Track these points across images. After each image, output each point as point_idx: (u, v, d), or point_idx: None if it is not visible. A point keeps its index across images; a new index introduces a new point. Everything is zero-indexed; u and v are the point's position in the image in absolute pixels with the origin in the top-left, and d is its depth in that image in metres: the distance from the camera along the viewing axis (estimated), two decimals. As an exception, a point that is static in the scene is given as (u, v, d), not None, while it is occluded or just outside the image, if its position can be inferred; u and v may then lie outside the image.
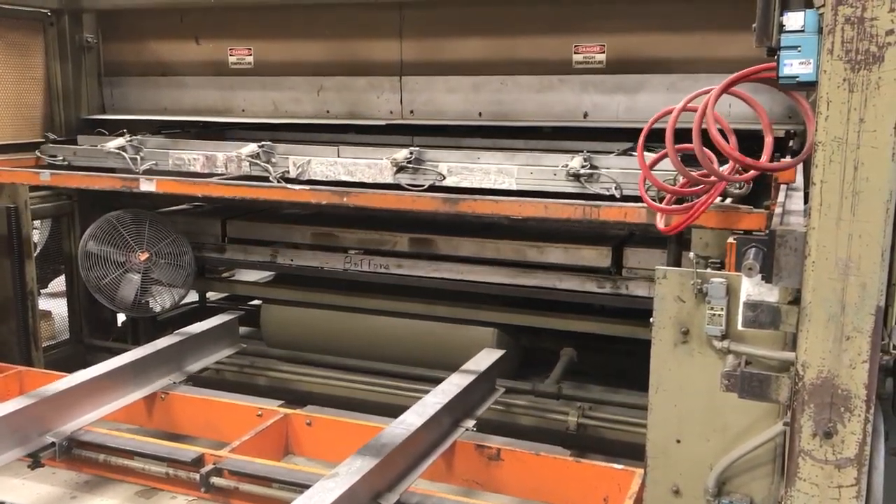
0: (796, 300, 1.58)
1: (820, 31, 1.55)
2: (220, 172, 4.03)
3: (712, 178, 2.53)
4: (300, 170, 3.82)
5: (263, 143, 3.91)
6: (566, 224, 3.58)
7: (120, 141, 4.24)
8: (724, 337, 2.24)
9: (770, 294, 1.64)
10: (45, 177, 4.17)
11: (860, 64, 1.44)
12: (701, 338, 2.35)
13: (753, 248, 1.60)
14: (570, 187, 3.40)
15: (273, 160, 3.87)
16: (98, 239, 4.76)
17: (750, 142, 2.70)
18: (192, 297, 5.45)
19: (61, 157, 4.46)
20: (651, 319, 2.46)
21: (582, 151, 3.48)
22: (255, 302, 5.43)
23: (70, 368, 4.14)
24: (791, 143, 3.40)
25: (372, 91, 4.60)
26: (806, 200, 1.94)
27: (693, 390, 2.44)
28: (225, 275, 5.80)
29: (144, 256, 4.74)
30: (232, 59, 4.88)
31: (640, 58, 4.08)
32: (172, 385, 3.92)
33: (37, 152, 4.52)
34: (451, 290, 4.39)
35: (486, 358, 3.86)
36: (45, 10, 4.92)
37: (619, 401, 4.07)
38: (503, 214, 3.36)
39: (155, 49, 5.12)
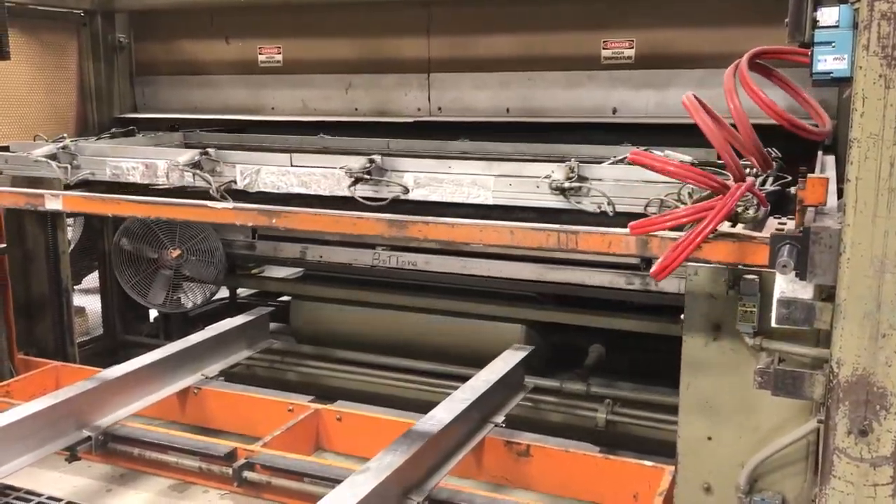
0: (830, 297, 1.57)
1: (855, 26, 1.54)
2: (160, 183, 3.68)
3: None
4: (248, 180, 3.44)
5: (206, 149, 3.54)
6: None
7: (50, 147, 3.85)
8: (756, 334, 2.23)
9: (804, 291, 1.63)
10: None
11: (896, 59, 1.43)
12: (733, 335, 2.34)
13: (787, 246, 1.60)
14: (556, 202, 2.92)
15: (217, 169, 3.48)
16: (131, 236, 4.83)
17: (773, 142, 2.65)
18: (223, 293, 5.51)
19: None
20: (682, 316, 2.45)
21: (569, 159, 2.99)
22: (285, 298, 5.48)
23: (104, 363, 4.21)
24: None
25: (400, 88, 4.62)
26: (839, 196, 1.93)
27: (724, 387, 2.44)
28: (255, 271, 5.86)
29: (176, 253, 4.80)
30: (261, 57, 4.92)
31: (670, 53, 4.06)
32: (204, 381, 3.97)
33: None
34: (479, 287, 4.41)
35: (514, 355, 3.87)
36: (79, 11, 4.99)
37: (648, 398, 4.06)
38: (461, 241, 2.93)
39: (185, 48, 5.19)
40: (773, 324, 1.71)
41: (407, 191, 3.12)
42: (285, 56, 4.87)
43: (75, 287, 5.12)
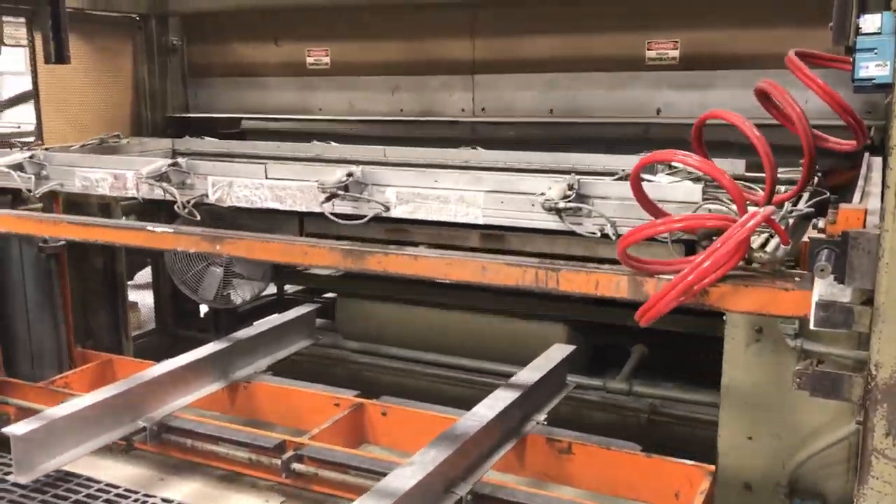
0: (869, 301, 1.60)
1: (896, 33, 1.57)
2: (130, 195, 3.52)
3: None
4: (219, 193, 3.20)
5: (175, 160, 3.37)
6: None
7: (16, 157, 3.70)
8: (797, 335, 2.25)
9: (842, 295, 1.66)
10: None
11: (936, 67, 1.46)
12: (774, 336, 2.36)
13: (826, 250, 1.63)
14: (553, 223, 2.61)
15: (188, 181, 3.27)
16: (184, 233, 4.98)
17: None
18: (271, 289, 5.65)
19: None
20: (724, 317, 2.48)
21: (570, 174, 2.72)
22: (331, 295, 5.59)
23: (157, 357, 4.35)
24: (871, 140, 3.34)
25: (445, 90, 4.70)
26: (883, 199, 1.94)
27: (765, 388, 2.46)
28: (301, 268, 5.98)
29: (227, 250, 4.93)
30: (309, 60, 5.05)
31: (714, 54, 4.07)
32: (254, 374, 4.09)
33: None
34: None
35: (556, 353, 3.90)
36: (134, 16, 5.18)
37: (690, 398, 4.07)
38: (425, 276, 2.60)
39: (236, 50, 5.34)
40: (812, 327, 1.74)
41: (387, 208, 2.87)
42: (333, 58, 4.99)
43: (129, 282, 5.30)
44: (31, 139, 4.60)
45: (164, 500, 3.29)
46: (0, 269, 4.18)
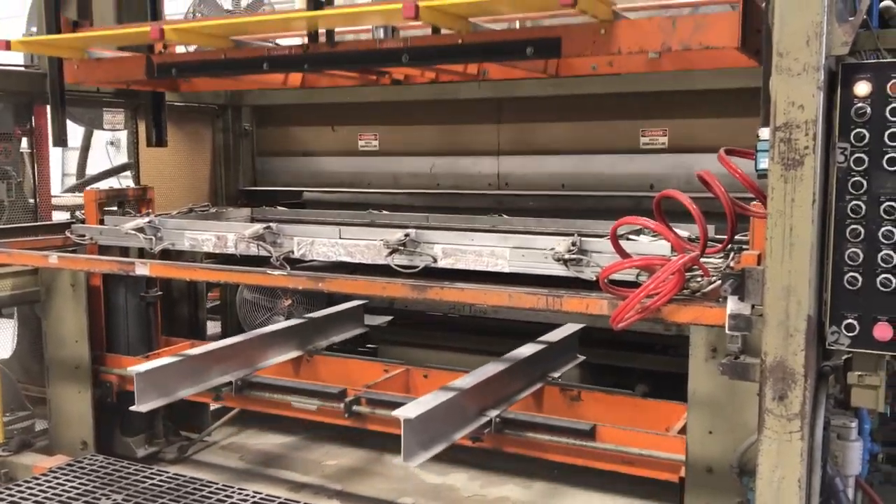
0: (760, 313, 2.45)
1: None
2: (230, 251, 4.12)
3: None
4: (303, 250, 3.87)
5: (269, 224, 3.99)
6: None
7: (139, 221, 4.38)
8: (742, 353, 3.05)
9: (745, 309, 2.52)
10: (53, 259, 4.25)
11: (789, 165, 2.35)
12: (725, 352, 3.15)
13: (732, 279, 2.51)
14: (561, 271, 3.37)
15: (278, 241, 3.92)
16: (252, 288, 5.87)
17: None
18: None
19: (88, 237, 4.68)
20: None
21: (574, 234, 3.51)
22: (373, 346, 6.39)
23: None
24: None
25: (474, 168, 5.53)
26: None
27: (720, 393, 3.24)
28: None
29: (288, 302, 5.82)
30: (361, 142, 5.89)
31: (697, 140, 4.86)
32: (314, 350, 4.94)
33: (66, 232, 4.72)
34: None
35: (570, 328, 4.65)
36: (214, 106, 6.13)
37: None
38: (470, 302, 3.47)
39: (298, 134, 6.20)
40: (727, 331, 2.59)
41: (435, 260, 3.56)
42: (381, 141, 5.82)
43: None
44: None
45: (255, 492, 4.12)
46: (109, 314, 5.08)
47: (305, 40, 3.96)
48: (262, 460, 5.01)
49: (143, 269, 4.08)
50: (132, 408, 4.04)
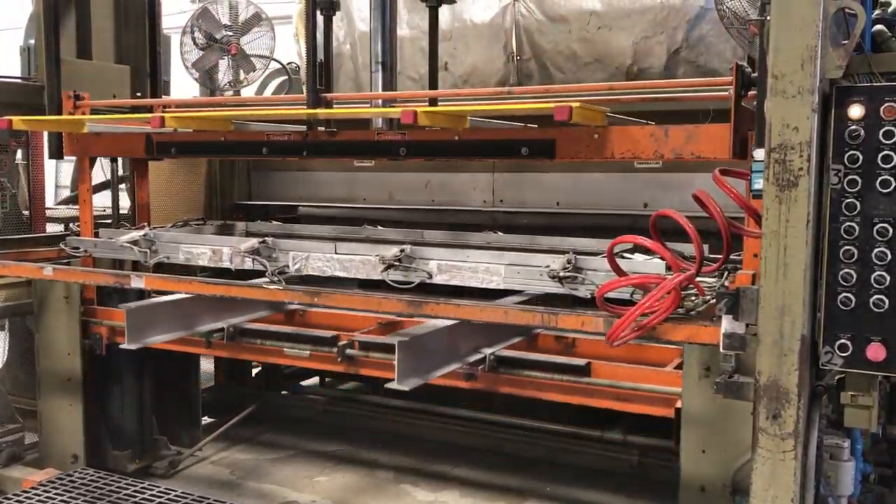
0: (754, 333, 2.47)
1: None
2: (225, 265, 4.10)
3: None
4: (298, 265, 3.86)
5: (264, 239, 3.97)
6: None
7: (134, 234, 4.34)
8: (735, 371, 3.07)
9: (739, 328, 2.53)
10: (48, 271, 4.23)
11: (784, 186, 2.38)
12: (718, 372, 3.17)
13: (726, 298, 2.52)
14: (555, 288, 3.36)
15: (273, 255, 3.92)
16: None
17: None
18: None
19: (82, 249, 4.65)
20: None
21: (569, 252, 3.48)
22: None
23: (215, 411, 5.44)
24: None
25: (470, 185, 5.53)
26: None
27: (714, 412, 3.26)
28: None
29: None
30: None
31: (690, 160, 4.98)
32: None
33: (61, 244, 4.68)
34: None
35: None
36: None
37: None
38: (466, 318, 3.33)
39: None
40: (721, 350, 2.60)
41: (430, 276, 3.56)
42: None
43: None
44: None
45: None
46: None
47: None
48: (253, 475, 5.00)
49: (138, 282, 4.07)
50: (122, 345, 4.08)
